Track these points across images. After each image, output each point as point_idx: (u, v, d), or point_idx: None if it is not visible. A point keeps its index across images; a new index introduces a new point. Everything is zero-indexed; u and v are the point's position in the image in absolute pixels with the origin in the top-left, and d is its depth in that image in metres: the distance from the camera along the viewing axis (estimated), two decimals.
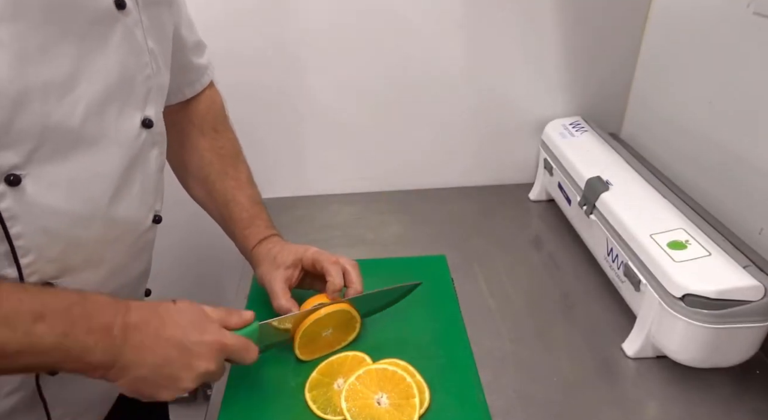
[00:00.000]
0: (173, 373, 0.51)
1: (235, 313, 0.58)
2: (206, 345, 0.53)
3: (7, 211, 0.45)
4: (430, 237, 0.95)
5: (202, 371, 0.52)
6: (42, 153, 0.46)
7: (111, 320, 0.48)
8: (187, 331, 0.52)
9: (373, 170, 1.09)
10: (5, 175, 0.44)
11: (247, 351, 0.57)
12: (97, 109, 0.49)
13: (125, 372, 0.49)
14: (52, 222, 0.48)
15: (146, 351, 0.50)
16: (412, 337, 0.71)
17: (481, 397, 0.63)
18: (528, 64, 1.00)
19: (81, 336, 0.46)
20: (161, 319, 0.52)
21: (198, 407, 1.38)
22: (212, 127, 0.76)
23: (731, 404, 0.63)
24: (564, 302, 0.80)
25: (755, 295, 0.60)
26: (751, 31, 0.73)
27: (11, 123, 0.43)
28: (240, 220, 0.75)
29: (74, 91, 0.47)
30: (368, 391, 0.61)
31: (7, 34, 0.41)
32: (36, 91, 0.44)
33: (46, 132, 0.46)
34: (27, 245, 0.47)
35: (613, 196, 0.77)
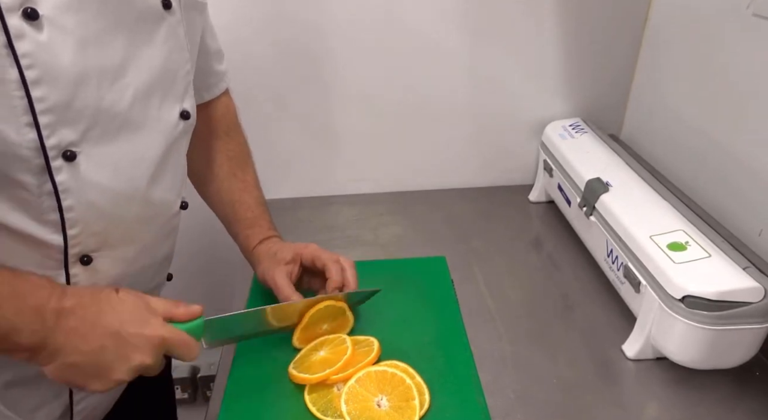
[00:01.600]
0: (106, 363, 0.50)
1: (182, 305, 0.57)
2: (144, 338, 0.51)
3: (62, 184, 0.49)
4: (429, 238, 0.95)
5: (137, 364, 0.51)
6: (94, 133, 0.50)
7: (44, 302, 0.48)
8: (125, 321, 0.51)
9: (373, 172, 1.09)
10: (63, 151, 0.48)
11: (188, 347, 0.55)
12: (143, 97, 0.54)
13: (55, 357, 0.48)
14: (99, 198, 0.52)
15: (79, 337, 0.49)
16: (411, 339, 0.71)
17: (480, 398, 0.63)
18: (528, 66, 1.00)
19: (10, 314, 0.46)
20: (99, 307, 0.51)
21: (198, 408, 1.38)
22: (225, 131, 0.79)
23: (731, 405, 0.63)
24: (564, 303, 0.80)
25: (755, 297, 0.60)
26: (750, 32, 0.73)
27: (71, 102, 0.48)
28: (244, 219, 0.77)
29: (124, 79, 0.52)
30: (368, 394, 0.61)
31: (72, 21, 0.46)
32: (93, 74, 0.49)
33: (98, 113, 0.50)
34: (75, 218, 0.51)
35: (613, 198, 0.77)
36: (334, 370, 0.63)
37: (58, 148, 0.48)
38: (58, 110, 0.47)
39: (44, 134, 0.47)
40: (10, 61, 0.44)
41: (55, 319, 0.48)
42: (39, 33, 0.45)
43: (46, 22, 0.45)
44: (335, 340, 0.68)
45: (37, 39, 0.45)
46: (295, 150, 1.06)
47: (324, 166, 1.08)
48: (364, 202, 1.07)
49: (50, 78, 0.46)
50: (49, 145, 0.47)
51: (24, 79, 0.44)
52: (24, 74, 0.44)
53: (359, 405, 0.60)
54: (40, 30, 0.45)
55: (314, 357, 0.66)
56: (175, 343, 0.54)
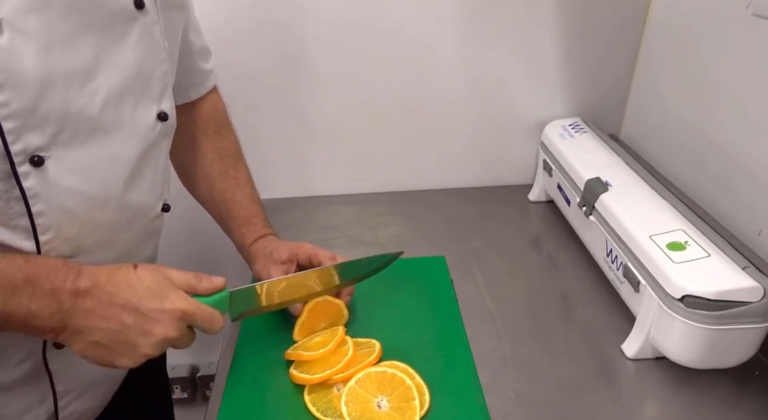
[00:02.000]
0: (130, 340, 0.51)
1: (205, 278, 0.57)
2: (165, 312, 0.52)
3: (30, 189, 0.48)
4: (429, 238, 0.95)
5: (161, 338, 0.51)
6: (63, 137, 0.49)
7: (59, 285, 0.48)
8: (143, 297, 0.51)
9: (372, 171, 1.09)
10: (30, 156, 0.47)
11: (212, 320, 0.56)
12: (115, 99, 0.53)
13: (78, 337, 0.49)
14: (70, 202, 0.51)
15: (98, 317, 0.49)
16: (411, 339, 0.71)
17: (480, 398, 0.63)
18: (527, 65, 1.00)
19: (24, 301, 0.46)
20: (116, 285, 0.50)
21: (197, 408, 1.38)
22: (215, 129, 0.78)
23: (730, 405, 0.64)
24: (563, 303, 0.80)
25: (754, 296, 0.60)
26: (750, 32, 0.73)
27: (37, 107, 0.46)
28: (237, 217, 0.77)
29: (94, 81, 0.50)
30: (368, 395, 0.61)
31: (35, 24, 0.45)
32: (60, 78, 0.47)
33: (67, 117, 0.49)
34: (47, 223, 0.50)
35: (613, 197, 0.77)
36: (335, 371, 0.63)
37: (24, 154, 0.47)
38: (22, 115, 0.46)
39: (9, 140, 0.45)
40: None
41: (71, 301, 0.48)
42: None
43: (5, 25, 0.43)
44: (334, 335, 0.68)
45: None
46: (295, 149, 1.06)
47: (323, 165, 1.08)
48: (363, 202, 1.07)
49: (12, 83, 0.44)
50: (14, 150, 0.46)
51: None
52: None
53: (359, 406, 0.60)
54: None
55: (310, 341, 0.68)
56: (197, 316, 0.54)
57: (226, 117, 0.80)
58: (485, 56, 0.99)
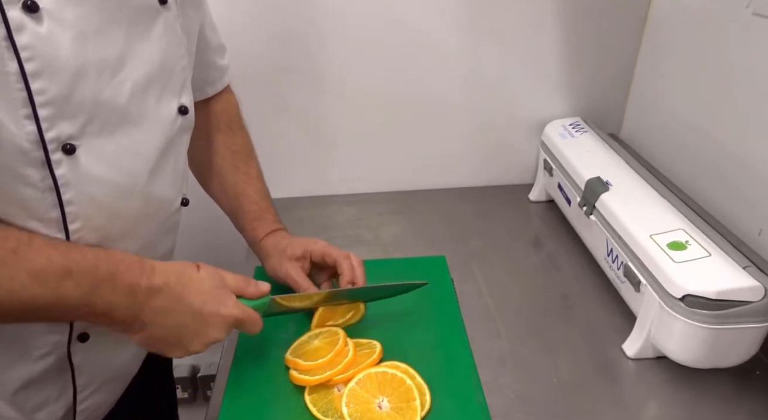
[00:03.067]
0: (186, 337, 0.55)
1: (253, 283, 0.62)
2: (221, 317, 0.56)
3: (62, 177, 0.49)
4: (429, 238, 0.95)
5: (212, 340, 0.57)
6: (94, 126, 0.50)
7: (136, 281, 0.51)
8: (206, 300, 0.56)
9: (372, 171, 1.09)
10: (63, 144, 0.48)
11: (255, 324, 0.61)
12: (141, 91, 0.54)
13: (143, 329, 0.53)
14: (99, 192, 0.52)
15: (166, 314, 0.53)
16: (412, 339, 0.71)
17: (481, 398, 0.63)
18: (528, 65, 1.00)
19: (107, 294, 0.49)
20: (184, 285, 0.55)
21: (198, 408, 1.38)
22: (227, 124, 0.79)
23: (731, 405, 0.64)
24: (564, 303, 0.80)
25: (755, 296, 0.60)
26: (750, 31, 0.73)
27: (71, 95, 0.48)
28: (248, 212, 0.78)
29: (122, 72, 0.52)
30: (369, 395, 0.61)
31: (72, 14, 0.47)
32: (92, 67, 0.49)
33: (97, 107, 0.50)
34: (76, 212, 0.51)
35: (613, 197, 0.77)
36: (335, 373, 0.62)
37: (57, 141, 0.48)
38: (57, 103, 0.47)
39: (44, 127, 0.47)
40: (10, 54, 0.44)
41: (145, 296, 0.52)
42: (39, 25, 0.45)
43: (46, 15, 0.45)
44: (334, 336, 0.68)
45: (36, 31, 0.45)
46: (295, 149, 1.06)
47: (324, 165, 1.08)
48: (363, 202, 1.07)
49: (50, 70, 0.46)
50: (48, 137, 0.47)
51: (23, 71, 0.44)
52: (23, 66, 0.44)
53: (360, 407, 0.60)
54: (40, 22, 0.45)
55: (309, 346, 0.68)
56: (245, 322, 0.59)
57: (239, 113, 0.81)
58: (486, 56, 0.99)
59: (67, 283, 0.47)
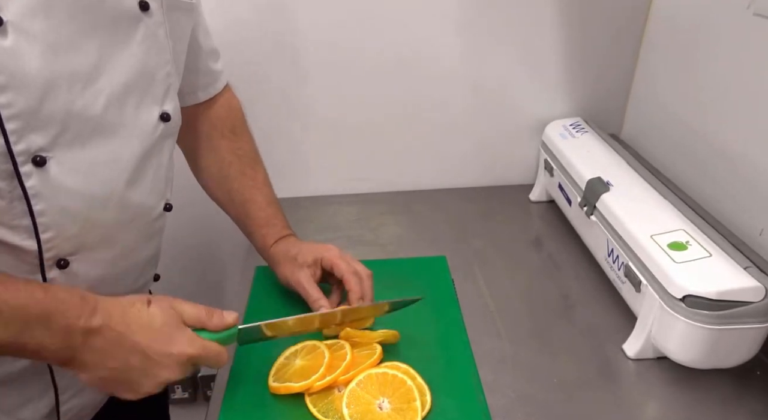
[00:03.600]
0: (133, 378, 0.52)
1: (217, 314, 0.57)
2: (171, 357, 0.52)
3: (32, 189, 0.48)
4: (430, 238, 0.95)
5: (163, 380, 0.52)
6: (66, 137, 0.49)
7: (73, 322, 0.48)
8: (152, 340, 0.51)
9: (372, 171, 1.09)
10: (33, 156, 0.48)
11: (217, 359, 0.56)
12: (118, 100, 0.53)
13: (84, 370, 0.50)
14: (71, 202, 0.51)
15: (105, 355, 0.50)
16: (412, 339, 0.71)
17: (481, 398, 0.63)
18: (528, 65, 1.00)
19: (37, 335, 0.47)
20: (127, 325, 0.51)
21: (198, 408, 1.38)
22: (231, 129, 0.78)
23: (731, 405, 0.63)
24: (564, 303, 0.80)
25: (756, 296, 0.60)
26: (751, 31, 0.73)
27: (40, 108, 0.47)
28: (257, 218, 0.77)
29: (97, 83, 0.51)
30: (369, 396, 0.61)
31: (40, 27, 0.46)
32: (63, 79, 0.48)
33: (70, 118, 0.49)
34: (48, 222, 0.50)
35: (614, 197, 0.77)
36: (336, 376, 0.62)
37: (27, 154, 0.47)
38: (25, 116, 0.46)
39: (11, 140, 0.46)
40: None
41: (83, 338, 0.48)
42: (3, 39, 0.44)
43: (10, 28, 0.44)
44: (315, 350, 0.67)
45: (1, 45, 0.44)
46: (295, 149, 1.06)
47: (324, 165, 1.08)
48: (364, 202, 1.07)
49: (16, 84, 0.45)
50: (17, 150, 0.46)
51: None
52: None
53: (361, 407, 0.60)
54: (4, 36, 0.44)
55: (292, 367, 0.65)
56: (202, 358, 0.54)
57: (242, 117, 0.80)
58: (486, 56, 0.99)
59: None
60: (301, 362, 0.65)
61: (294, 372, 0.64)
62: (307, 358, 0.66)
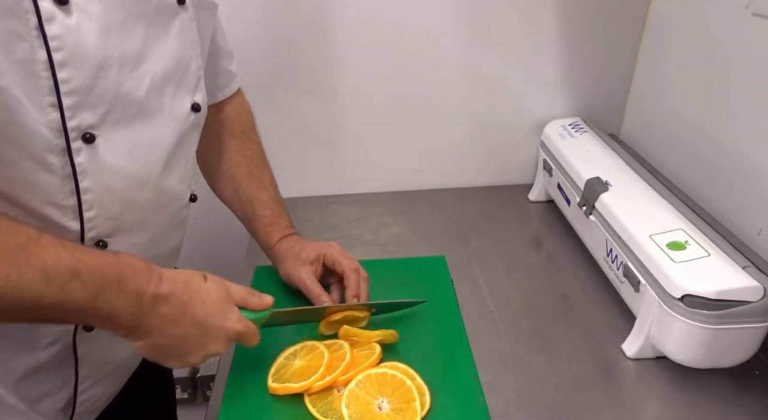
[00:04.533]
0: (187, 348, 0.55)
1: (257, 296, 0.62)
2: (224, 330, 0.56)
3: (80, 165, 0.51)
4: (429, 238, 0.95)
5: (212, 352, 0.56)
6: (113, 117, 0.52)
7: (143, 287, 0.50)
8: (210, 312, 0.55)
9: (372, 171, 1.09)
10: (83, 133, 0.50)
11: (253, 338, 0.60)
12: (159, 86, 0.56)
13: (146, 336, 0.52)
14: (115, 181, 0.54)
15: (170, 323, 0.52)
16: (411, 339, 0.71)
17: (480, 398, 0.63)
18: (527, 65, 1.00)
19: (112, 298, 0.48)
20: (190, 295, 0.54)
21: (198, 408, 1.38)
22: (242, 131, 0.80)
23: (730, 405, 0.64)
24: (563, 303, 0.80)
25: (754, 296, 0.60)
26: (750, 31, 0.73)
27: (93, 86, 0.49)
28: (263, 217, 0.79)
29: (142, 67, 0.54)
30: (368, 396, 0.61)
31: (97, 8, 0.49)
32: (114, 60, 0.51)
33: (117, 98, 0.52)
34: (92, 200, 0.52)
35: (613, 197, 0.77)
36: (335, 377, 0.62)
37: (78, 130, 0.49)
38: (80, 93, 0.48)
39: (66, 115, 0.48)
40: (40, 43, 0.45)
41: (151, 304, 0.51)
42: (68, 17, 0.47)
43: (74, 8, 0.47)
44: (315, 351, 0.67)
45: (66, 23, 0.46)
46: (295, 150, 1.06)
47: (324, 165, 1.08)
48: (364, 202, 1.07)
49: (76, 61, 0.47)
50: (70, 126, 0.49)
51: (51, 60, 0.46)
52: (52, 56, 0.46)
53: (360, 408, 0.60)
54: (69, 14, 0.47)
55: (292, 367, 0.65)
56: (246, 336, 0.59)
57: (252, 120, 0.83)
58: (485, 56, 0.99)
59: (75, 284, 0.46)
60: (301, 362, 0.65)
61: (293, 372, 0.64)
62: (306, 358, 0.66)
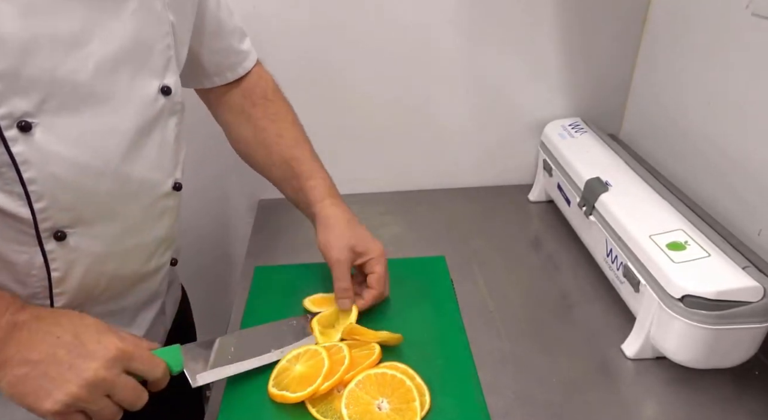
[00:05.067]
0: (58, 373, 0.47)
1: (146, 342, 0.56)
2: (100, 346, 0.49)
3: (19, 155, 0.48)
4: (429, 238, 0.95)
5: (91, 375, 0.48)
6: (52, 104, 0.49)
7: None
8: (81, 332, 0.49)
9: (372, 171, 1.09)
10: (17, 121, 0.47)
11: (152, 364, 0.53)
12: (109, 68, 0.52)
13: (5, 368, 0.47)
14: (62, 170, 0.51)
15: (29, 347, 0.47)
16: (411, 339, 0.71)
17: (480, 398, 0.63)
18: (527, 65, 1.00)
19: None
20: (56, 319, 0.50)
21: None
22: (262, 95, 0.77)
23: (730, 405, 0.64)
24: (563, 303, 0.80)
25: (754, 296, 0.60)
26: (749, 31, 0.73)
27: (20, 70, 0.46)
28: (302, 172, 0.75)
29: (84, 48, 0.50)
30: (368, 397, 0.61)
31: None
32: (43, 42, 0.47)
33: (55, 83, 0.48)
34: (39, 191, 0.50)
35: (613, 197, 0.77)
36: (334, 382, 0.62)
37: (11, 118, 0.47)
38: (6, 78, 0.46)
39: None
40: None
41: (8, 331, 0.47)
42: None
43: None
44: (316, 357, 0.66)
45: None
46: None
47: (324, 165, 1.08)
48: (364, 202, 1.07)
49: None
50: (0, 113, 0.46)
51: None
52: None
53: (360, 408, 0.60)
54: None
55: (292, 373, 0.64)
56: (134, 356, 0.51)
57: (274, 84, 0.79)
58: (485, 56, 0.99)
59: None
60: (301, 368, 0.64)
61: (293, 378, 0.63)
62: (307, 364, 0.65)
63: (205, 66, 0.73)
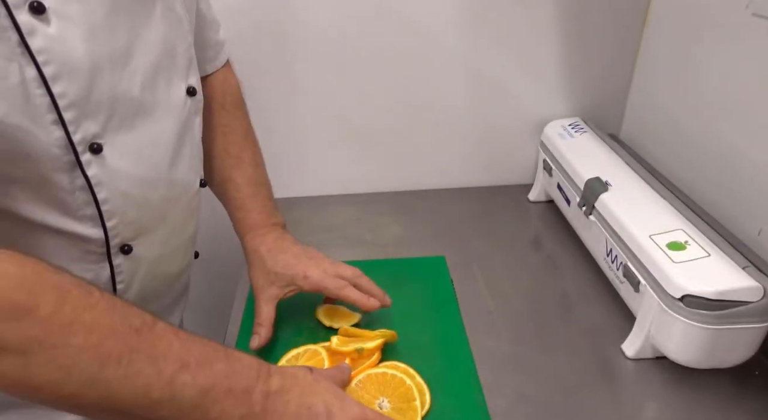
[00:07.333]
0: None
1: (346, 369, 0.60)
2: (345, 413, 0.49)
3: (94, 177, 0.49)
4: (429, 238, 0.95)
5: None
6: (114, 122, 0.50)
7: (252, 384, 0.45)
8: (328, 400, 0.49)
9: (371, 171, 1.09)
10: (89, 144, 0.48)
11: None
12: (151, 79, 0.53)
13: None
14: (128, 186, 0.52)
15: (286, 415, 0.46)
16: (411, 339, 0.71)
17: (480, 398, 0.63)
18: (527, 65, 1.00)
19: (220, 396, 0.42)
20: (301, 389, 0.48)
21: None
22: (221, 105, 0.75)
23: (730, 405, 0.64)
24: (563, 303, 0.80)
25: (754, 296, 0.60)
26: (749, 31, 0.73)
27: (90, 94, 0.47)
28: (233, 199, 0.73)
29: (131, 63, 0.51)
30: (369, 396, 0.61)
31: (77, 10, 0.46)
32: (105, 62, 0.48)
33: (115, 102, 0.50)
34: (111, 210, 0.51)
35: (613, 197, 0.77)
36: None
37: (84, 143, 0.48)
38: (79, 104, 0.46)
39: (70, 130, 0.46)
40: (26, 60, 0.43)
41: (262, 402, 0.45)
42: (48, 26, 0.44)
43: (52, 15, 0.44)
44: (316, 357, 0.66)
45: (47, 33, 0.43)
46: (295, 149, 1.06)
47: (324, 165, 1.08)
48: (363, 202, 1.07)
49: (67, 71, 0.45)
50: (76, 140, 0.47)
51: (43, 75, 0.44)
52: (42, 71, 0.43)
53: None
54: (48, 23, 0.44)
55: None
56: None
57: (236, 94, 0.77)
58: (485, 56, 0.99)
59: (184, 377, 0.40)
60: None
61: None
62: (307, 364, 0.65)
63: None
